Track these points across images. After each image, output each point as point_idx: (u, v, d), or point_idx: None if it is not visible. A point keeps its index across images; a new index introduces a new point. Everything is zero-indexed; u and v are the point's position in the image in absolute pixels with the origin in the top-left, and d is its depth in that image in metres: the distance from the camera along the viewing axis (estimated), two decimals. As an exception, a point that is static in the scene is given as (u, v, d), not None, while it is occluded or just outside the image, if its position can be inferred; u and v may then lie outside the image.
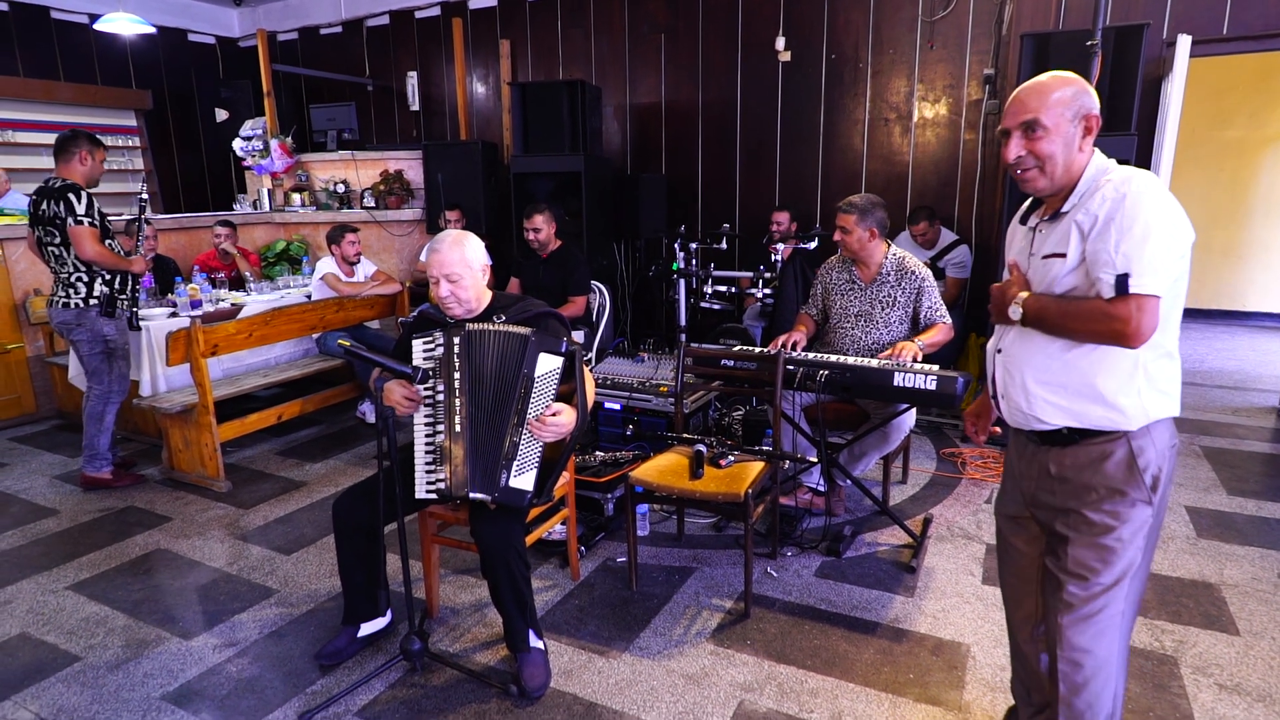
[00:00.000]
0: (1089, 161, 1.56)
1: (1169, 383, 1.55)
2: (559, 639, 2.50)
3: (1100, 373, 1.51)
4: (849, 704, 2.16)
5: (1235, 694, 2.17)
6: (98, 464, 3.78)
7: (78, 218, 3.51)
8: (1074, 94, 1.53)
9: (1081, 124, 1.53)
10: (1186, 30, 4.29)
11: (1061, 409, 1.55)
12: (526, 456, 2.19)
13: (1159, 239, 1.41)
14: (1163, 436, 1.55)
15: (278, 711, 2.19)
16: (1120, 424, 1.51)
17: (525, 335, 2.18)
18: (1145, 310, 1.41)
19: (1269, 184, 7.67)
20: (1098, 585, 1.54)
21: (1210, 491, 3.56)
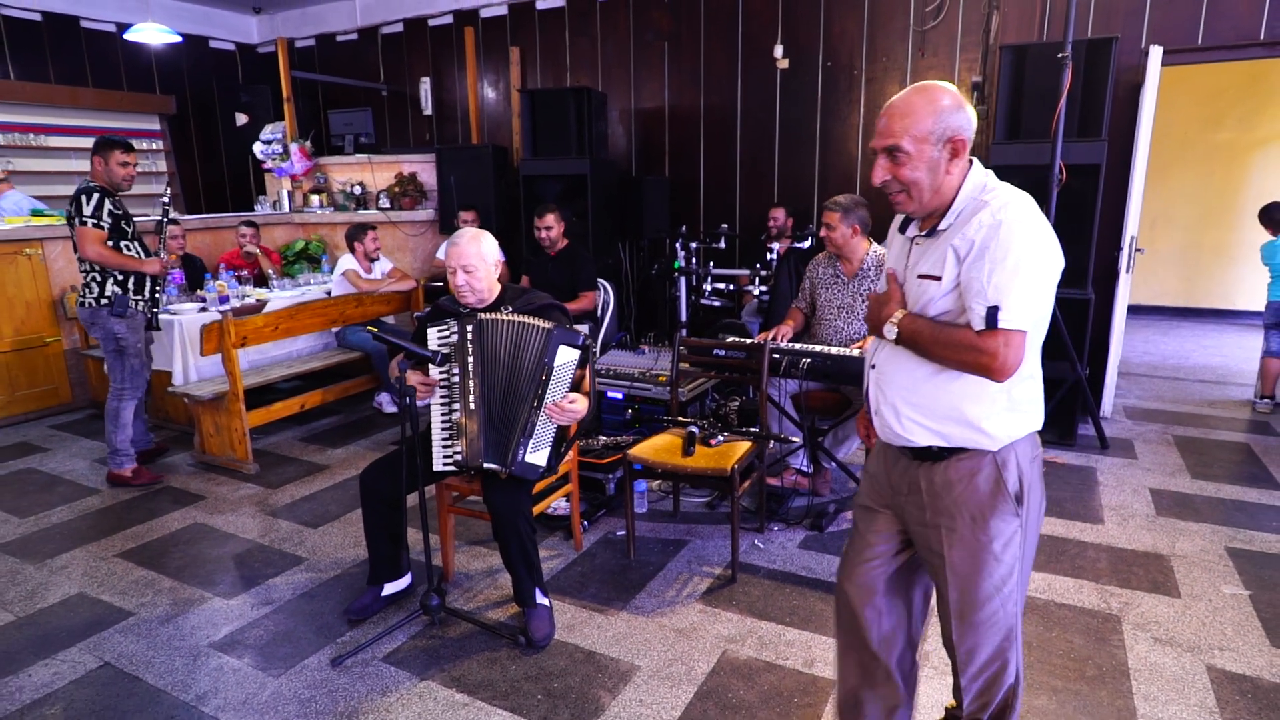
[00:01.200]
0: (964, 180, 1.51)
1: (1031, 403, 1.56)
2: (563, 599, 2.77)
3: (966, 398, 1.51)
4: (821, 652, 2.42)
5: (1168, 646, 2.41)
6: (119, 460, 3.89)
7: (82, 218, 3.62)
8: (938, 117, 1.46)
9: (947, 147, 1.47)
10: (1162, 40, 4.51)
11: (928, 429, 1.56)
12: (541, 436, 2.46)
13: (1030, 273, 1.41)
14: (1025, 451, 1.57)
15: (312, 658, 2.46)
16: (984, 444, 1.53)
17: (548, 328, 2.43)
18: (1012, 345, 1.41)
19: (1258, 186, 7.86)
20: (979, 595, 1.57)
21: (1175, 475, 3.79)
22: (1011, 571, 1.57)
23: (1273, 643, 2.42)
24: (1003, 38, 4.94)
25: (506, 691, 2.28)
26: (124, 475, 3.91)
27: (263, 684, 2.34)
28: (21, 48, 6.74)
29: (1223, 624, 2.53)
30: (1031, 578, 2.76)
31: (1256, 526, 3.22)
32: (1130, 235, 4.50)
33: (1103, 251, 4.53)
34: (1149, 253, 7.32)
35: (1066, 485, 3.69)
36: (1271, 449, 4.15)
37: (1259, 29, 4.43)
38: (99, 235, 3.64)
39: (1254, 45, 4.50)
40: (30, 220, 5.19)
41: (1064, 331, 4.01)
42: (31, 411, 5.06)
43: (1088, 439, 4.27)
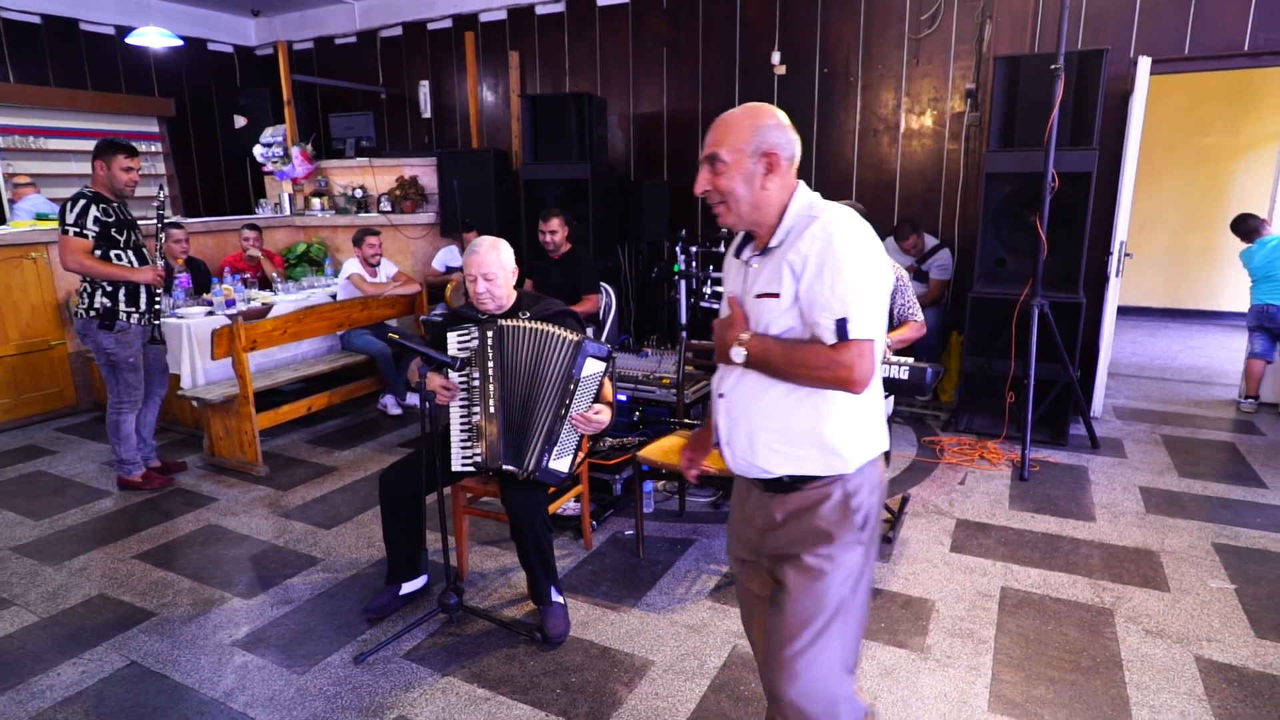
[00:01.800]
0: (789, 199, 1.52)
1: (879, 421, 1.55)
2: (575, 597, 2.85)
3: (822, 417, 1.49)
4: (828, 647, 2.51)
5: (1158, 637, 2.52)
6: (126, 468, 3.89)
7: (64, 226, 3.47)
8: (756, 131, 1.48)
9: (763, 161, 1.48)
10: (1151, 51, 4.63)
11: (785, 456, 1.51)
12: (566, 444, 2.55)
13: (870, 283, 1.41)
14: (874, 475, 1.55)
15: (334, 655, 2.54)
16: (838, 468, 1.50)
17: (576, 340, 2.51)
18: (865, 355, 1.40)
19: (1242, 189, 8.02)
20: (817, 627, 1.50)
21: (1163, 474, 3.91)
22: (849, 605, 1.53)
23: (1257, 634, 2.54)
24: (995, 46, 5.06)
25: (526, 686, 2.36)
26: (134, 480, 3.92)
27: (288, 681, 2.41)
28: (21, 50, 6.75)
29: (1210, 616, 2.64)
30: (1027, 574, 2.90)
31: (1241, 523, 3.34)
32: (1120, 240, 4.62)
33: (1093, 256, 4.65)
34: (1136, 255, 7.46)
35: (1059, 484, 3.80)
36: (1255, 448, 4.28)
37: (1243, 40, 4.56)
38: (81, 245, 3.48)
39: (1239, 55, 4.63)
40: (35, 224, 5.23)
41: (1056, 334, 4.12)
42: (37, 414, 5.09)
43: (1079, 439, 4.39)
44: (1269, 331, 4.88)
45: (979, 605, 2.73)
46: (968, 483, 3.85)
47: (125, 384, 3.75)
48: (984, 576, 2.93)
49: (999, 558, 3.07)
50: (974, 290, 4.55)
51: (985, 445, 4.30)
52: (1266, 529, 3.28)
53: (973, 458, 4.16)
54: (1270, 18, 4.48)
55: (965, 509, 3.54)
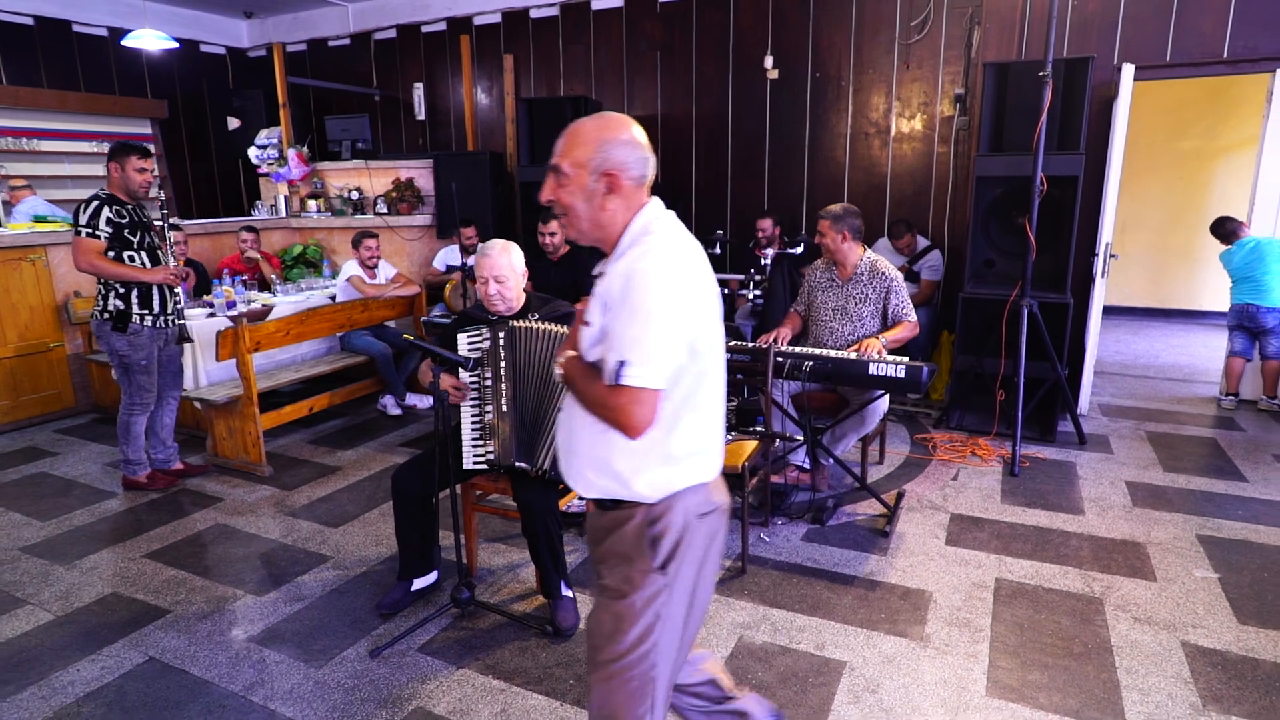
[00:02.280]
0: (631, 220, 1.47)
1: (696, 455, 1.49)
2: (583, 591, 2.92)
3: (613, 450, 1.45)
4: (830, 636, 2.60)
5: (1147, 624, 2.63)
6: (131, 468, 3.91)
7: (77, 228, 3.49)
8: (600, 145, 1.43)
9: (603, 180, 1.43)
10: (1134, 58, 4.76)
11: (590, 479, 1.51)
12: None
13: (660, 328, 1.35)
14: (690, 506, 1.49)
15: (350, 650, 2.59)
16: (639, 498, 1.47)
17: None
18: (640, 403, 1.35)
19: (1221, 191, 8.21)
20: (614, 650, 1.46)
21: (1149, 469, 4.03)
22: (650, 633, 1.47)
23: (1240, 620, 2.65)
24: (984, 52, 5.17)
25: (540, 677, 2.43)
26: (139, 481, 3.94)
27: (306, 675, 2.47)
28: (13, 52, 6.74)
29: (1195, 604, 2.75)
30: (1020, 565, 2.99)
31: (1224, 515, 3.46)
32: (1105, 242, 4.75)
33: (1079, 257, 4.77)
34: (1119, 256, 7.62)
35: (1049, 479, 3.92)
36: (1236, 443, 4.42)
37: (1222, 48, 4.70)
38: (93, 245, 3.50)
39: (1218, 63, 4.77)
40: (34, 227, 5.23)
41: (1044, 333, 4.23)
42: (36, 416, 5.10)
43: (1067, 435, 4.51)
44: (1248, 330, 5.03)
45: (975, 596, 2.83)
46: (960, 478, 3.96)
47: (137, 386, 3.76)
48: (979, 568, 3.03)
49: (992, 550, 3.17)
50: (965, 291, 4.66)
51: (976, 442, 4.40)
52: (1247, 521, 3.40)
53: (964, 454, 4.26)
54: (1248, 27, 4.62)
55: (959, 504, 3.64)
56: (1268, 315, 4.90)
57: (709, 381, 1.49)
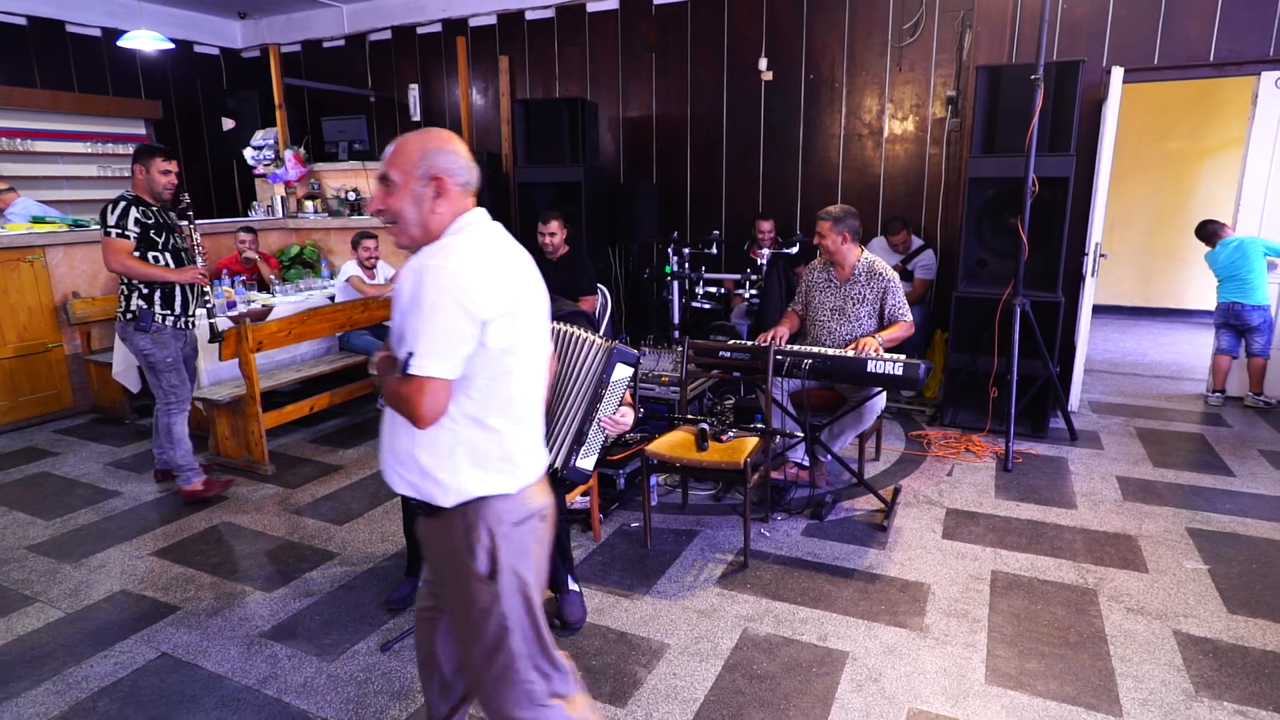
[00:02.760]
0: (451, 224, 1.54)
1: (505, 460, 1.53)
2: (588, 586, 2.97)
3: (418, 445, 1.50)
4: (833, 628, 2.66)
5: (1139, 614, 2.70)
6: (187, 477, 3.81)
7: (106, 229, 3.52)
8: (426, 153, 1.51)
9: (432, 184, 1.51)
10: (1122, 61, 4.86)
11: (401, 477, 1.55)
12: (593, 444, 2.66)
13: (443, 320, 1.40)
14: (504, 514, 1.53)
15: (361, 644, 2.63)
16: (440, 498, 1.51)
17: (609, 346, 2.62)
18: (427, 393, 1.40)
19: (1207, 191, 8.35)
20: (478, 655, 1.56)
21: (1138, 464, 4.12)
22: (501, 639, 1.53)
23: (1229, 610, 2.72)
24: (976, 55, 5.25)
25: (549, 669, 2.47)
26: (196, 490, 3.81)
27: (318, 668, 2.51)
28: (7, 52, 6.72)
29: (1186, 595, 2.82)
30: (1015, 558, 3.06)
31: (1212, 509, 3.54)
32: (1095, 242, 4.83)
33: (1070, 257, 4.86)
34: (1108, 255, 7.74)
35: (1042, 474, 3.99)
36: (1223, 439, 4.51)
37: (1209, 51, 4.80)
38: (123, 245, 3.54)
39: (1204, 66, 4.87)
40: (32, 227, 5.23)
41: (1037, 332, 4.31)
42: (34, 417, 5.10)
43: (1058, 431, 4.59)
44: (1234, 328, 5.13)
45: (972, 587, 2.90)
46: (955, 474, 4.03)
47: (169, 385, 3.75)
48: (975, 561, 3.10)
49: (988, 544, 3.24)
50: (958, 290, 4.74)
51: (970, 439, 4.48)
52: (1235, 514, 3.48)
53: (959, 450, 4.34)
54: (1233, 31, 4.72)
55: (954, 499, 3.71)
56: (1253, 313, 5.00)
57: (517, 383, 1.53)
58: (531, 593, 1.58)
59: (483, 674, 1.58)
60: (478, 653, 1.57)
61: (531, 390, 1.58)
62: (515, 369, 1.51)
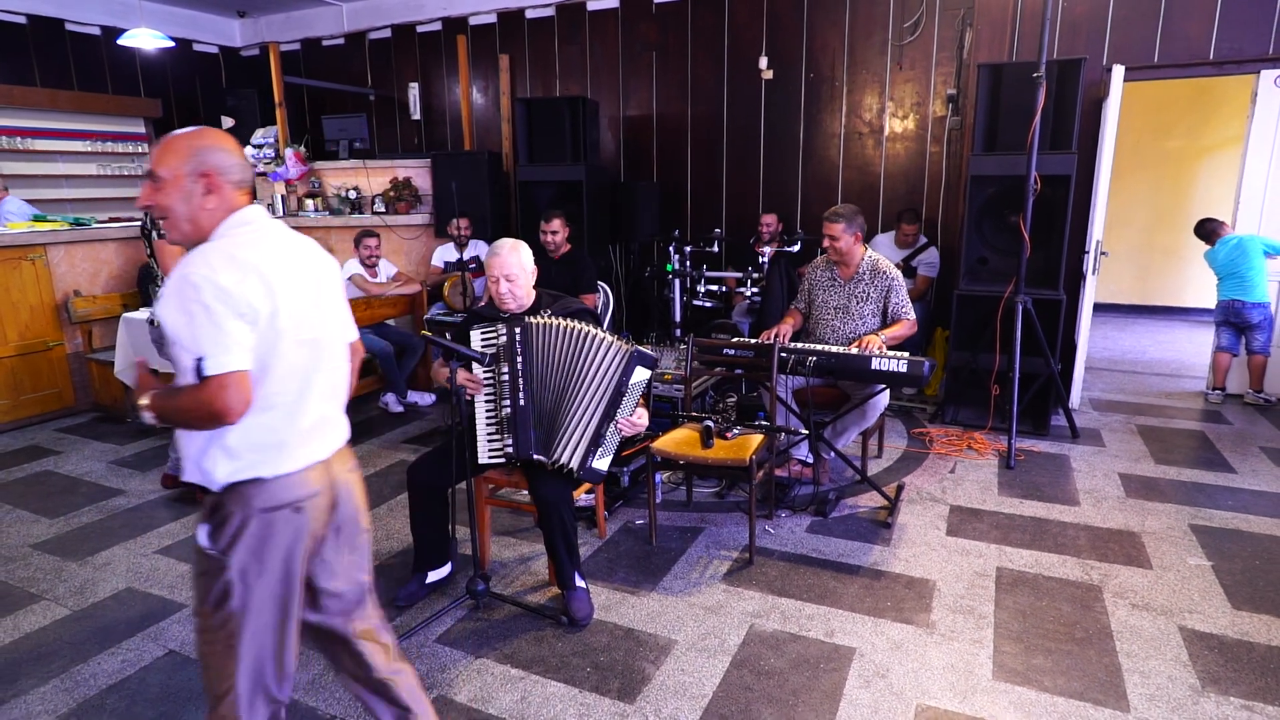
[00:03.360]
0: (223, 220, 1.57)
1: (257, 450, 1.56)
2: (595, 583, 2.97)
3: (185, 436, 1.57)
4: (839, 624, 2.66)
5: (1144, 610, 2.71)
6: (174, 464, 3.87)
7: (159, 231, 3.51)
8: (196, 150, 1.54)
9: (201, 181, 1.53)
10: (1123, 59, 4.87)
11: (188, 468, 1.60)
12: (609, 445, 2.69)
13: (218, 320, 1.44)
14: (249, 499, 1.56)
15: (368, 641, 2.63)
16: (209, 483, 1.57)
17: (630, 350, 2.64)
18: (227, 387, 1.44)
19: (1205, 190, 8.38)
20: (199, 611, 1.59)
21: (1140, 461, 4.14)
22: (223, 607, 1.56)
23: (1234, 605, 2.74)
24: (976, 54, 5.26)
25: (557, 666, 2.48)
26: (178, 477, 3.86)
27: (327, 665, 2.50)
28: (6, 51, 6.70)
29: (1190, 591, 2.84)
30: (1020, 554, 3.07)
31: (1214, 505, 3.56)
32: (1095, 240, 4.85)
33: (1071, 255, 4.87)
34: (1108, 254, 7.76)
35: (1044, 472, 4.01)
36: (1224, 436, 4.53)
37: (1209, 50, 4.82)
38: (178, 250, 3.53)
39: (1204, 64, 4.89)
40: (34, 225, 5.22)
41: (1039, 329, 4.33)
42: (36, 415, 5.09)
43: (1060, 429, 4.61)
44: (1234, 326, 5.15)
45: (977, 584, 2.91)
46: (957, 471, 4.04)
47: None
48: (979, 558, 3.11)
49: (992, 540, 3.25)
50: (960, 288, 4.75)
51: (972, 436, 4.49)
52: (1237, 510, 3.50)
53: (961, 448, 4.35)
54: (1233, 29, 4.74)
55: (957, 495, 3.72)
56: (1253, 310, 5.02)
57: (277, 378, 1.55)
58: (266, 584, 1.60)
59: (204, 661, 1.61)
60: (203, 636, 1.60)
61: (298, 383, 1.60)
62: (276, 363, 1.55)
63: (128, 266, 5.56)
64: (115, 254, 5.53)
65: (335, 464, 1.71)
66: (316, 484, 1.65)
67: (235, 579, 1.56)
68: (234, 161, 1.58)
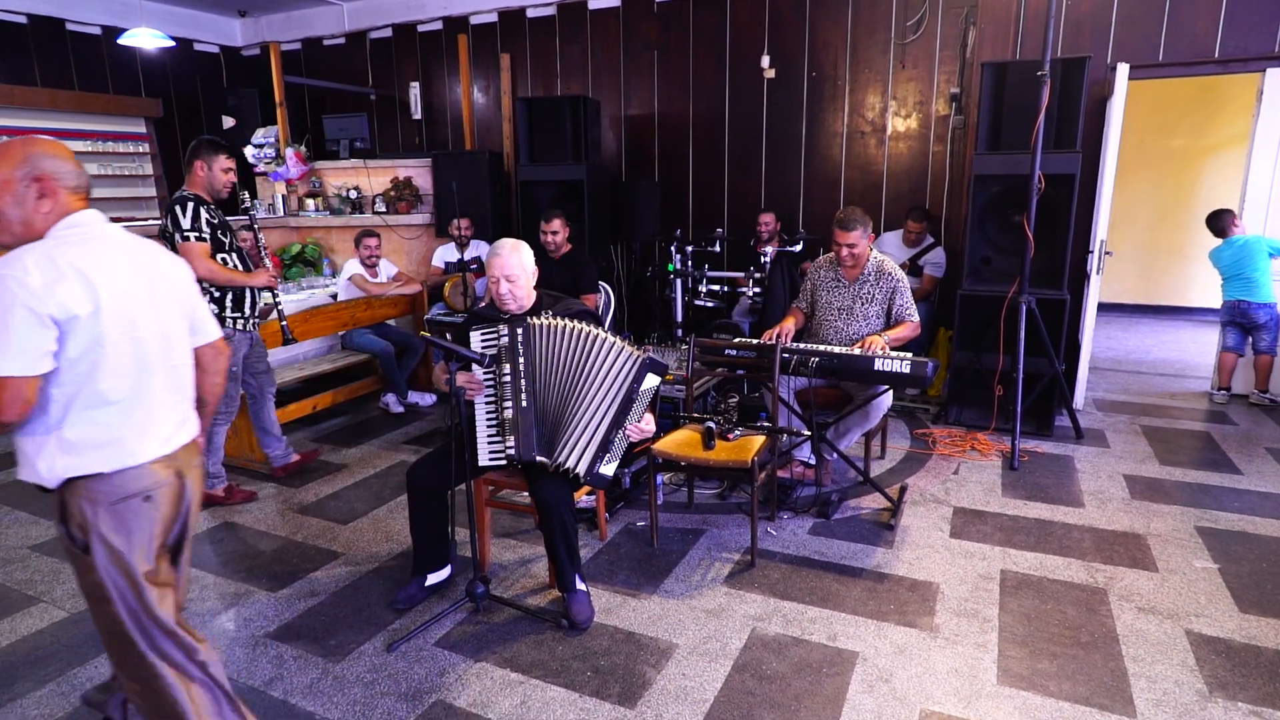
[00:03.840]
0: (56, 224, 1.64)
1: (94, 446, 1.64)
2: (595, 586, 2.95)
3: (21, 434, 1.63)
4: (842, 628, 2.64)
5: (1150, 614, 2.68)
6: (211, 482, 3.77)
7: (183, 233, 3.32)
8: (29, 156, 1.61)
9: (35, 185, 1.62)
10: (1127, 58, 4.83)
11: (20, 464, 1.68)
12: (617, 451, 2.67)
13: (13, 324, 1.50)
14: (93, 494, 1.64)
15: (367, 644, 2.61)
16: (47, 482, 1.64)
17: (641, 357, 2.63)
18: (6, 390, 1.51)
19: (1209, 189, 8.33)
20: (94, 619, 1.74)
21: (1145, 462, 4.11)
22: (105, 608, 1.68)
23: (1241, 609, 2.71)
24: (980, 53, 5.23)
25: (557, 670, 2.46)
26: (217, 495, 3.77)
27: (324, 669, 2.49)
28: (6, 50, 6.68)
29: (1196, 594, 2.81)
30: (1024, 557, 3.05)
31: (1220, 507, 3.53)
32: (1100, 239, 4.82)
33: (1075, 254, 4.84)
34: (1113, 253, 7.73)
35: (1048, 473, 3.98)
36: (1229, 436, 4.50)
37: (1214, 48, 4.78)
38: (204, 249, 3.34)
39: (1209, 62, 4.86)
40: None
41: (1043, 329, 4.30)
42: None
43: (1064, 430, 4.58)
44: (1240, 326, 5.11)
45: (981, 587, 2.88)
46: (961, 473, 4.01)
47: (229, 396, 3.65)
48: (983, 560, 3.08)
49: (996, 543, 3.23)
50: (963, 288, 4.72)
51: (975, 437, 4.46)
52: (1244, 512, 3.47)
53: (964, 449, 4.32)
54: (1238, 28, 4.71)
55: (961, 497, 3.70)
56: (1259, 311, 4.99)
57: (107, 374, 1.63)
58: (133, 565, 1.69)
59: (102, 636, 1.75)
60: (94, 617, 1.74)
61: (132, 380, 1.68)
62: (103, 361, 1.62)
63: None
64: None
65: (182, 457, 1.81)
66: (164, 476, 1.74)
67: (101, 566, 1.66)
68: (68, 168, 1.66)
